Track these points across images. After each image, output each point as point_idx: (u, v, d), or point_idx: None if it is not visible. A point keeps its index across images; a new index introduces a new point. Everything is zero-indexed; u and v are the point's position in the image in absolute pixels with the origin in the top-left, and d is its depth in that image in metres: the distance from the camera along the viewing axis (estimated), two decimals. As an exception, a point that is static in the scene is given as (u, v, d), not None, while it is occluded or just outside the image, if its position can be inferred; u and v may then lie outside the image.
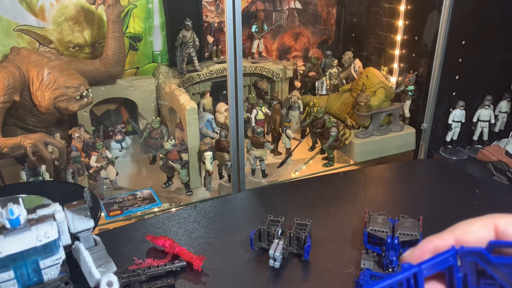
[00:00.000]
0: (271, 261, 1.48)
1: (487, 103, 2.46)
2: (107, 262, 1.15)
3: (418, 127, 2.49)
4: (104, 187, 2.13)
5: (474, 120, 2.51)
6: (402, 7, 2.51)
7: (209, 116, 2.44)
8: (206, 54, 2.66)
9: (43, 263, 1.09)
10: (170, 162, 2.14)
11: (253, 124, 2.40)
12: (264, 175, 2.33)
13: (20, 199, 1.06)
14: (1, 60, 2.10)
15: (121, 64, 2.25)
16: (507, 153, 2.28)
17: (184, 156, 2.17)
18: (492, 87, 2.49)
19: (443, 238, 0.43)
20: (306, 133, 2.60)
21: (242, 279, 1.46)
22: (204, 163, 2.19)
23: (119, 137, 2.34)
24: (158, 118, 2.35)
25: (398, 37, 2.57)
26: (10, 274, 1.05)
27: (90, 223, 1.14)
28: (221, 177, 2.31)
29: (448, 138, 2.51)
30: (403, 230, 1.51)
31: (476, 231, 0.43)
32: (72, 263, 1.16)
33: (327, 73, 2.76)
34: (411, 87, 2.50)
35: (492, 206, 1.88)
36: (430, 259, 0.44)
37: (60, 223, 1.09)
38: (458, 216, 1.81)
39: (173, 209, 2.06)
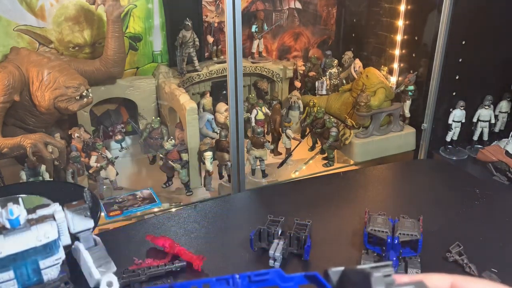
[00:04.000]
0: (271, 261, 1.48)
1: (487, 103, 2.46)
2: (107, 262, 1.15)
3: (418, 127, 2.49)
4: (104, 187, 2.13)
5: (474, 120, 2.51)
6: (402, 7, 2.50)
7: (209, 116, 2.44)
8: (206, 54, 2.66)
9: (43, 263, 1.09)
10: (170, 162, 2.14)
11: (253, 124, 2.40)
12: (264, 175, 2.33)
13: (20, 199, 1.06)
14: (1, 60, 2.10)
15: (121, 64, 2.24)
16: (507, 153, 2.28)
17: (184, 156, 2.17)
18: (492, 87, 2.49)
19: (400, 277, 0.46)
20: (306, 133, 2.60)
21: (242, 279, 1.46)
22: (204, 163, 2.19)
23: (119, 137, 2.34)
24: (158, 118, 2.35)
25: (398, 37, 2.57)
26: (10, 274, 1.05)
27: (90, 223, 1.14)
28: (221, 177, 2.31)
29: (448, 138, 2.51)
30: (403, 230, 1.51)
31: (433, 280, 0.47)
32: (72, 263, 1.17)
33: (327, 73, 2.76)
34: (411, 87, 2.50)
35: (492, 206, 1.88)
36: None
37: (60, 223, 1.10)
38: (458, 216, 1.82)
39: (173, 209, 2.06)
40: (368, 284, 0.43)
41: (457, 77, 2.40)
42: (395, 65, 2.64)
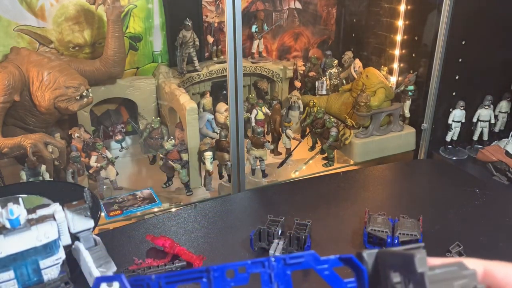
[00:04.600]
0: (271, 261, 1.48)
1: (487, 103, 2.46)
2: (107, 262, 1.15)
3: (418, 127, 2.49)
4: (104, 187, 2.13)
5: (474, 120, 2.51)
6: (402, 7, 2.50)
7: (209, 116, 2.44)
8: (206, 54, 2.66)
9: (43, 263, 1.09)
10: (170, 162, 2.14)
11: (253, 124, 2.40)
12: (264, 175, 2.33)
13: (20, 199, 1.06)
14: (1, 60, 2.10)
15: (121, 64, 2.24)
16: (507, 153, 2.28)
17: (184, 156, 2.17)
18: (492, 87, 2.49)
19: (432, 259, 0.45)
20: (306, 133, 2.60)
21: (242, 279, 1.46)
22: (204, 163, 2.19)
23: (119, 137, 2.34)
24: (158, 118, 2.35)
25: (398, 37, 2.57)
26: (10, 274, 1.05)
27: (90, 223, 1.14)
28: (221, 177, 2.31)
29: (448, 138, 2.50)
30: (403, 230, 1.51)
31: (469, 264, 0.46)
32: (72, 263, 1.17)
33: (327, 73, 2.76)
34: (411, 87, 2.50)
35: (492, 206, 1.88)
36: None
37: (60, 223, 1.10)
38: (458, 216, 1.81)
39: (173, 209, 2.06)
40: (411, 266, 0.41)
41: (457, 77, 2.40)
42: (395, 65, 2.64)
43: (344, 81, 2.78)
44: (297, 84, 2.76)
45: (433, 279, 0.41)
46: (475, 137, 2.54)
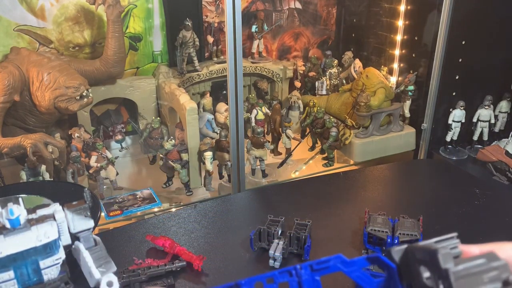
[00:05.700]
0: (271, 261, 1.48)
1: (487, 103, 2.46)
2: (107, 262, 1.15)
3: (418, 127, 2.49)
4: (104, 187, 2.13)
5: (474, 120, 2.51)
6: (402, 7, 2.51)
7: (209, 116, 2.44)
8: (206, 54, 2.66)
9: (43, 263, 1.08)
10: (170, 162, 2.14)
11: (253, 124, 2.40)
12: (264, 175, 2.33)
13: (20, 199, 1.06)
14: (1, 60, 2.10)
15: (121, 64, 2.25)
16: (507, 153, 2.28)
17: (184, 156, 2.17)
18: (492, 87, 2.49)
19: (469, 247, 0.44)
20: (306, 133, 2.60)
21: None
22: (204, 163, 2.19)
23: (119, 137, 2.34)
24: (158, 118, 2.35)
25: (398, 37, 2.57)
26: (10, 274, 1.05)
27: (90, 223, 1.14)
28: (221, 177, 2.31)
29: (448, 138, 2.51)
30: (403, 230, 1.51)
31: (507, 249, 0.45)
32: (72, 263, 1.16)
33: (327, 73, 2.76)
34: (411, 87, 2.50)
35: (492, 206, 1.88)
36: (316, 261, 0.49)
37: (60, 223, 1.09)
38: (458, 216, 1.81)
39: (173, 209, 2.06)
40: (436, 262, 0.41)
41: (457, 77, 2.40)
42: (395, 65, 2.64)
43: (344, 81, 2.79)
44: (297, 84, 2.76)
45: (460, 274, 0.40)
46: (475, 137, 2.54)
